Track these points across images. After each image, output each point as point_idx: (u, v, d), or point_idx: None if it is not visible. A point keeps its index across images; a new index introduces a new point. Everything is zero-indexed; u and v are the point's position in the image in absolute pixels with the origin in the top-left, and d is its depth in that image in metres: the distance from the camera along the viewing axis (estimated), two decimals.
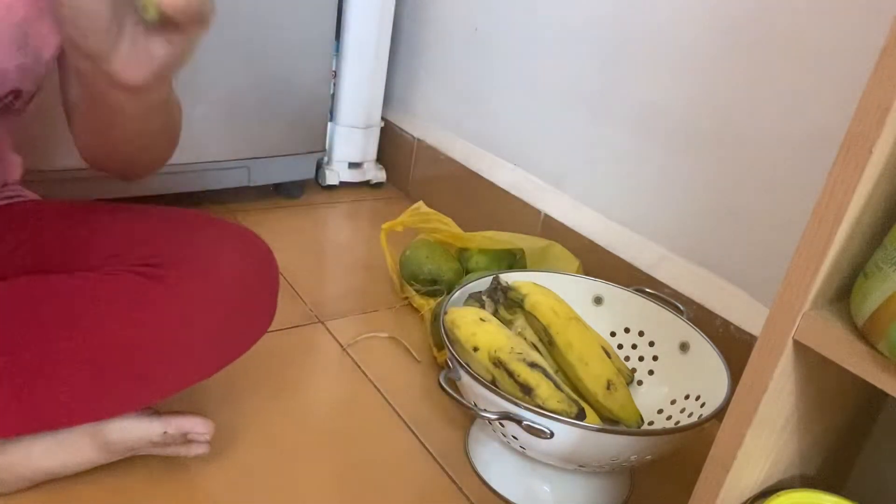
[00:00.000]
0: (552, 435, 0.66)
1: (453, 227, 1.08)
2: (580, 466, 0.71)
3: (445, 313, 0.79)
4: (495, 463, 0.79)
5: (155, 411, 0.68)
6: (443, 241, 1.09)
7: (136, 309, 0.62)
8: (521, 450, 0.72)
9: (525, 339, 0.82)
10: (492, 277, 0.86)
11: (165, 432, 0.66)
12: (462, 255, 1.07)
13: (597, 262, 1.05)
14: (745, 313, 0.90)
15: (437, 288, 1.01)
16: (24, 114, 0.67)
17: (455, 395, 0.70)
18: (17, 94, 0.62)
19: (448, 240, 1.09)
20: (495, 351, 0.73)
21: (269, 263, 0.73)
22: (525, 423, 0.66)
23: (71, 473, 0.67)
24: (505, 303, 0.85)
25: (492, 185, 1.25)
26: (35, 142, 1.07)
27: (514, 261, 1.04)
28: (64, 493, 0.67)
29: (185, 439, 0.68)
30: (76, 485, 0.68)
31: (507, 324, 0.84)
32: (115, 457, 0.67)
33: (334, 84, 1.39)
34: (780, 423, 0.53)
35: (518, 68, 1.21)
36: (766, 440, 0.53)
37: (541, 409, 0.67)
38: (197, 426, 0.67)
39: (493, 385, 0.69)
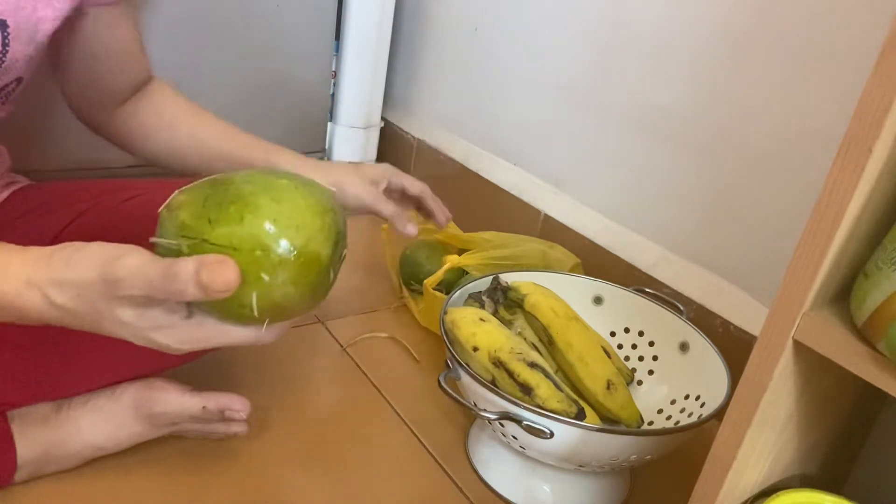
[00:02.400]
0: (552, 435, 0.66)
1: (453, 227, 1.07)
2: (580, 466, 0.71)
3: (445, 313, 0.79)
4: (495, 463, 0.78)
5: (195, 388, 0.71)
6: (443, 242, 1.09)
7: None
8: (521, 450, 0.72)
9: (525, 339, 0.82)
10: (492, 277, 0.86)
11: (204, 407, 0.70)
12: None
13: (597, 262, 1.05)
14: (745, 313, 0.90)
15: (438, 288, 1.01)
16: (13, 106, 0.71)
17: (455, 395, 0.70)
18: (19, 81, 0.66)
19: (448, 240, 1.09)
20: (495, 351, 0.73)
21: None
22: (525, 423, 0.66)
23: (117, 449, 0.70)
24: (505, 303, 0.85)
25: (492, 185, 1.25)
26: (30, 141, 1.07)
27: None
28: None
29: (223, 416, 0.72)
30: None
31: (507, 324, 0.83)
32: (159, 431, 0.72)
33: (334, 84, 1.39)
34: (780, 423, 0.53)
35: (518, 68, 1.21)
36: (766, 440, 0.53)
37: (541, 409, 0.67)
38: (234, 403, 0.71)
39: (492, 385, 0.69)
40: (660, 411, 0.81)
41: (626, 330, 0.88)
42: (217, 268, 0.41)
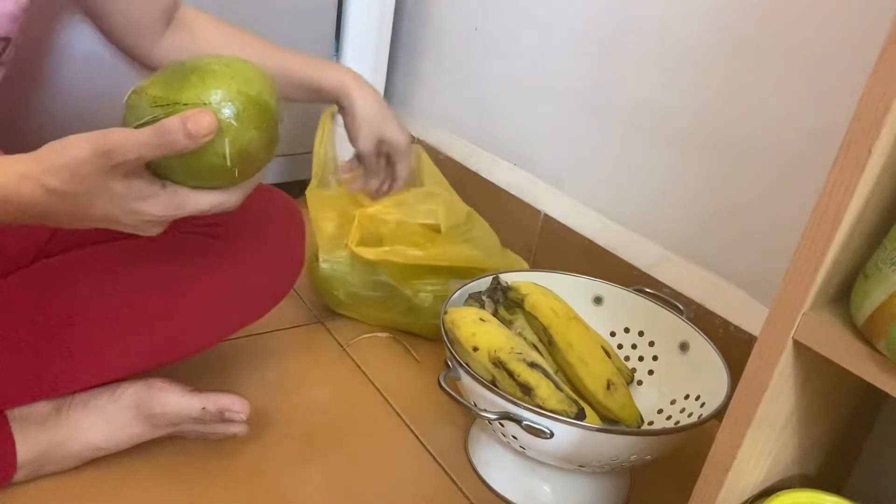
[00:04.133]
0: (552, 435, 0.66)
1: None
2: (580, 466, 0.71)
3: (445, 313, 0.79)
4: (495, 463, 0.79)
5: (195, 389, 0.71)
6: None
7: (204, 260, 0.72)
8: (521, 450, 0.72)
9: (525, 339, 0.82)
10: (492, 277, 0.86)
11: (204, 408, 0.70)
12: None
13: (597, 262, 1.05)
14: (745, 313, 0.90)
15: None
16: (4, 69, 0.70)
17: (455, 395, 0.70)
18: (6, 41, 0.66)
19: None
20: (495, 351, 0.73)
21: (299, 218, 0.84)
22: (525, 423, 0.66)
23: (116, 450, 0.70)
24: (505, 303, 0.85)
25: (492, 185, 1.25)
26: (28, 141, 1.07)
27: None
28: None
29: (223, 417, 0.72)
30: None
31: (507, 324, 0.84)
32: (158, 431, 0.72)
33: None
34: (780, 423, 0.53)
35: (518, 68, 1.21)
36: (766, 440, 0.53)
37: (541, 408, 0.67)
38: (234, 404, 0.71)
39: (492, 385, 0.69)
40: (660, 411, 0.81)
41: (626, 330, 0.88)
42: (197, 116, 0.47)
